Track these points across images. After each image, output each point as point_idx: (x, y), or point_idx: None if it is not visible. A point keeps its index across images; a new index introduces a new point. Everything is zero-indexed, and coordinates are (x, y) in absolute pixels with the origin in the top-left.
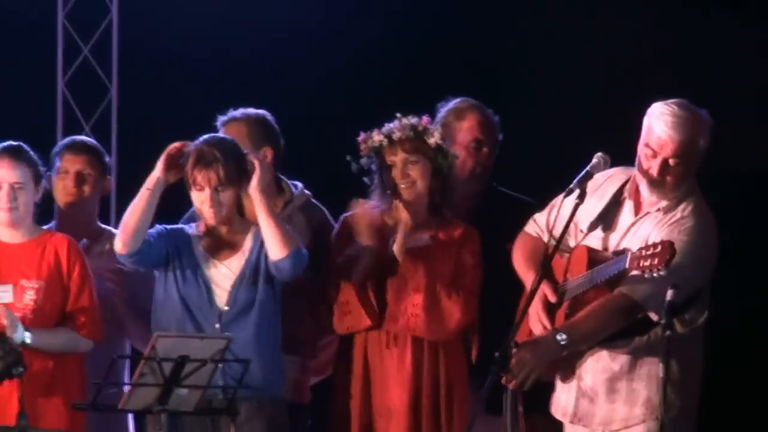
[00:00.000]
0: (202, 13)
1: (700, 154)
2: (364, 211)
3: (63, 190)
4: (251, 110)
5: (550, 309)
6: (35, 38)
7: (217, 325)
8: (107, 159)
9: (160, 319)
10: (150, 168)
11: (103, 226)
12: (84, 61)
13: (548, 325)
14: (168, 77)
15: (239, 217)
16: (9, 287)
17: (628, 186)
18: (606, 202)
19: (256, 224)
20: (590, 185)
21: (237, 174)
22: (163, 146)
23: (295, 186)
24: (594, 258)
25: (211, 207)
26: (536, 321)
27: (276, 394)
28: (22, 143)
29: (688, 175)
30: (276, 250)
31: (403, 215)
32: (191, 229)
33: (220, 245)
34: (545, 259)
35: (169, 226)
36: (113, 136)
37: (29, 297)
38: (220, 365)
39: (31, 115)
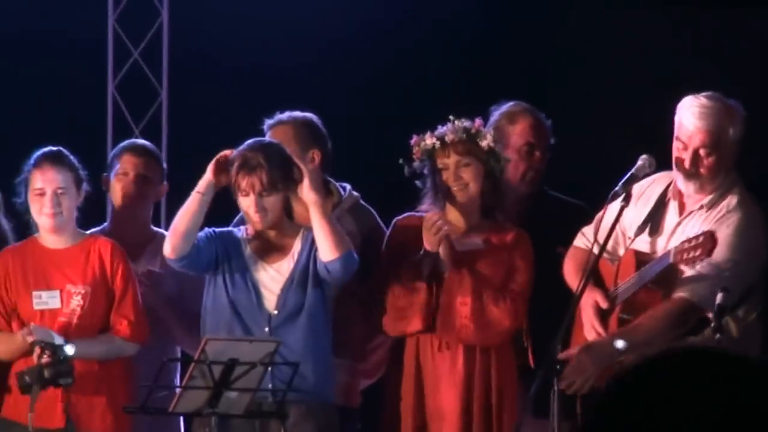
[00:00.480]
0: (252, 17)
1: (732, 144)
2: (433, 215)
3: (121, 191)
4: (298, 113)
5: (603, 316)
6: (85, 42)
7: (267, 329)
8: (164, 165)
9: (209, 323)
10: (200, 172)
11: (156, 229)
12: (134, 64)
13: (602, 332)
14: (217, 80)
15: (288, 220)
16: (56, 293)
17: (671, 188)
18: (651, 207)
19: (306, 227)
20: (636, 190)
21: (282, 178)
22: (213, 150)
23: (344, 188)
24: (641, 260)
25: (256, 212)
26: (590, 328)
27: (326, 398)
28: (62, 148)
29: (722, 166)
30: (328, 251)
31: (452, 219)
32: (240, 232)
33: (269, 248)
34: (591, 262)
35: (217, 229)
36: (163, 139)
37: (76, 302)
38: (269, 368)
39: (82, 118)
